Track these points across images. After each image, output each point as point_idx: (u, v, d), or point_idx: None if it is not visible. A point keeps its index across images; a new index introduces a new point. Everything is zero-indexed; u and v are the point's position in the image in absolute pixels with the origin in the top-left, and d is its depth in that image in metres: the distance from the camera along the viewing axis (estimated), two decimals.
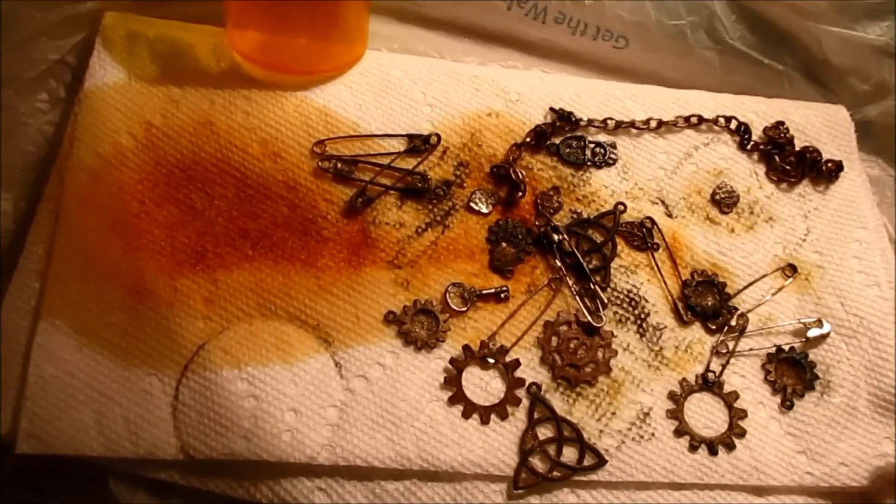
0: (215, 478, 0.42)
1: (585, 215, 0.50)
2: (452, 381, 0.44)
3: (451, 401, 0.44)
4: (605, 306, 0.47)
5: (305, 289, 0.46)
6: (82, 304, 0.43)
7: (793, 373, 0.47)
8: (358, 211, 0.48)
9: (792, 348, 0.47)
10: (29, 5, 0.47)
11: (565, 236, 0.48)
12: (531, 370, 0.45)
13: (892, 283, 0.50)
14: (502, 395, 0.44)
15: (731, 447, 0.44)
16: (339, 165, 0.48)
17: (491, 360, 0.45)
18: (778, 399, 0.46)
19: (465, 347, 0.45)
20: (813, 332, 0.48)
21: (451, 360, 0.44)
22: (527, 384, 0.45)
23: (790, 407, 0.46)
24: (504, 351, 0.45)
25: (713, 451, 0.44)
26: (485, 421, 0.43)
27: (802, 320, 0.48)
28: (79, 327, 0.43)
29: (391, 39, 0.54)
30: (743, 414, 0.45)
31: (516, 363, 0.45)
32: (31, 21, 0.48)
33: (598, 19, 0.53)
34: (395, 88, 0.51)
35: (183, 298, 0.44)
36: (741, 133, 0.53)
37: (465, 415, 0.43)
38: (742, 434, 0.45)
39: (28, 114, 0.49)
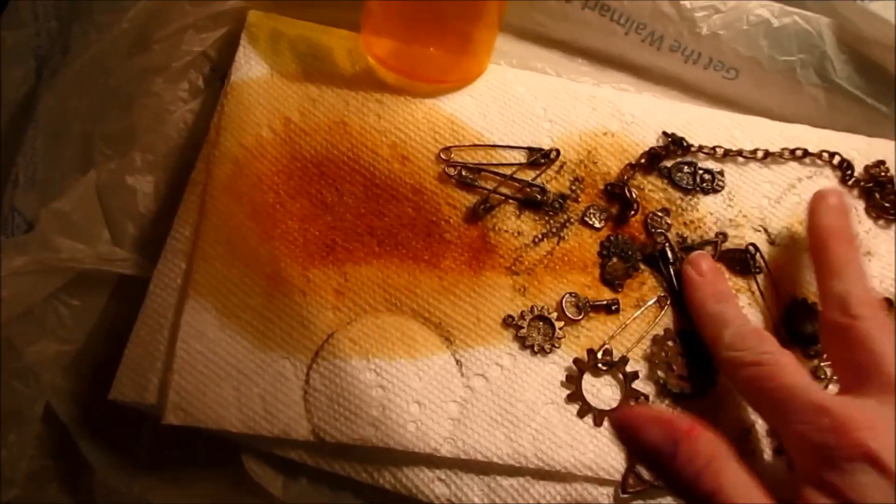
0: (341, 460, 0.44)
1: (690, 241, 0.52)
2: (573, 380, 0.46)
3: (570, 398, 0.46)
4: None
5: (430, 288, 0.48)
6: (226, 287, 0.46)
7: None
8: (479, 217, 0.50)
9: None
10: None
11: (679, 255, 0.50)
12: (639, 381, 0.47)
13: None
14: (612, 402, 0.46)
15: None
16: (463, 172, 0.51)
17: (604, 368, 0.47)
18: None
19: (590, 351, 0.47)
20: None
21: (576, 360, 0.46)
22: (637, 395, 0.47)
23: None
24: (625, 361, 0.47)
25: None
26: (598, 423, 0.46)
27: None
28: (222, 308, 0.45)
29: (510, 56, 0.56)
30: None
31: (635, 374, 0.47)
32: (185, 14, 0.50)
33: (713, 50, 0.55)
34: (518, 103, 0.53)
35: (315, 288, 0.47)
36: (843, 169, 0.55)
37: (580, 413, 0.46)
38: None
39: (171, 101, 0.51)
